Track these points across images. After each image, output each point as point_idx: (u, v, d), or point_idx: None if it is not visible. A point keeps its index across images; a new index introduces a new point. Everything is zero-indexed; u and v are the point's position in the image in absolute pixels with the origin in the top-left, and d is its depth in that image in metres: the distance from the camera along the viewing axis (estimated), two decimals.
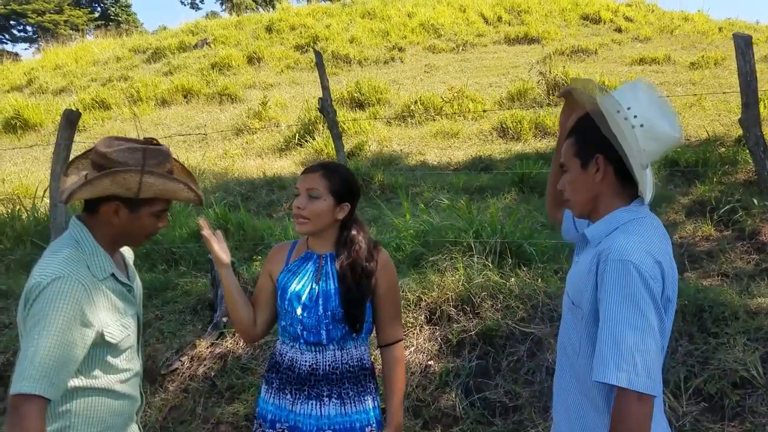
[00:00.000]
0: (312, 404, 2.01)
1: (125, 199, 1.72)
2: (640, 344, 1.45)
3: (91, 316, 1.66)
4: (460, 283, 3.97)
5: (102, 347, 1.72)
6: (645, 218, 1.63)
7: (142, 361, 1.95)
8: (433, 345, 3.76)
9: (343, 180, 2.03)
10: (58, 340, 1.58)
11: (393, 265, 2.15)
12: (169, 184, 1.76)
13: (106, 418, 1.76)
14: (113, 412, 1.77)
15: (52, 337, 1.57)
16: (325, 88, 4.50)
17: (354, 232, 2.06)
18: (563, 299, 1.75)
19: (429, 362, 3.67)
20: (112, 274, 1.78)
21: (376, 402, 2.10)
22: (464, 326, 3.77)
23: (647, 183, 1.62)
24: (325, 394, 2.01)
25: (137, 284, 1.94)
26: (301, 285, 2.04)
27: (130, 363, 1.83)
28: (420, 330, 3.83)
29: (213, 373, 3.78)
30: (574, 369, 1.67)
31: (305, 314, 2.01)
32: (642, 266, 1.48)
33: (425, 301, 3.94)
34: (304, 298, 2.02)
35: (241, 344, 3.95)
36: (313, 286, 2.03)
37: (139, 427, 1.93)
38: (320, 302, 2.01)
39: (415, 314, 3.88)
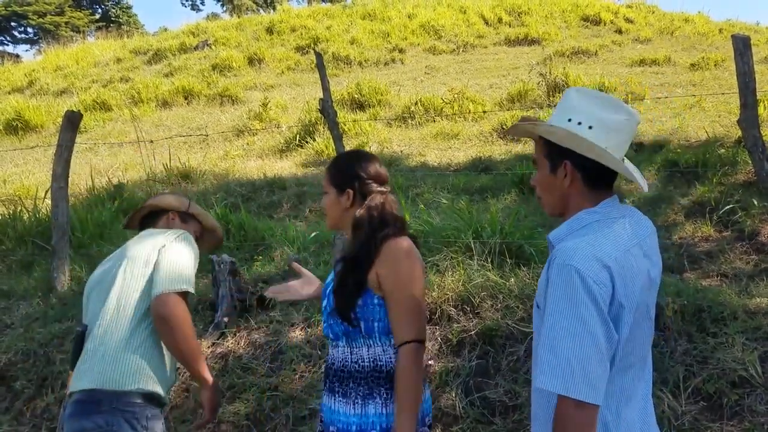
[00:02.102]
0: (328, 397, 2.03)
1: (179, 211, 2.50)
2: (579, 351, 1.40)
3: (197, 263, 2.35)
4: (460, 283, 3.98)
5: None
6: (613, 219, 1.59)
7: None
8: (433, 345, 3.77)
9: (337, 169, 2.07)
10: (191, 255, 2.28)
11: (405, 259, 1.94)
12: (206, 213, 2.60)
13: (155, 367, 2.14)
14: (162, 362, 2.20)
15: (187, 252, 2.26)
16: (325, 89, 4.52)
17: (357, 216, 2.00)
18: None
19: (429, 362, 3.68)
20: None
21: (385, 409, 1.95)
22: (464, 326, 3.78)
23: (634, 173, 1.62)
24: (335, 389, 2.01)
25: None
26: (329, 278, 2.09)
27: None
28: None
29: (214, 373, 3.77)
30: None
31: (325, 306, 2.05)
32: (585, 271, 1.44)
33: (425, 300, 3.95)
34: (327, 291, 2.06)
35: (242, 344, 3.96)
36: (331, 280, 2.07)
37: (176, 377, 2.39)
38: (328, 296, 2.04)
39: None
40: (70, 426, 2.00)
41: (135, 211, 2.52)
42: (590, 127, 1.57)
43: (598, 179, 1.62)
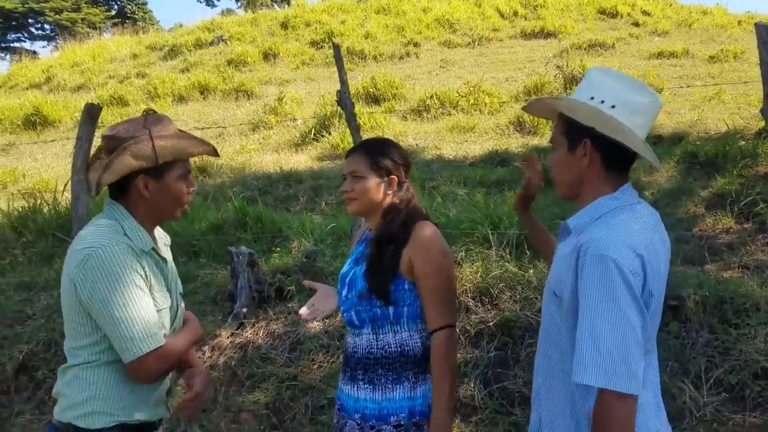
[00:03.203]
0: (350, 386, 2.03)
1: (148, 169, 1.79)
2: (620, 344, 1.40)
3: (141, 277, 1.76)
4: (478, 274, 3.97)
5: None
6: (632, 206, 1.58)
7: None
8: None
9: (382, 154, 2.04)
10: (135, 299, 1.70)
11: (438, 244, 1.96)
12: (182, 142, 1.84)
13: (126, 396, 1.78)
14: (137, 389, 1.81)
15: (129, 300, 1.69)
16: (343, 81, 4.52)
17: (395, 201, 2.03)
18: (544, 290, 1.71)
19: None
20: (153, 248, 1.85)
21: (415, 392, 1.96)
22: (482, 317, 3.77)
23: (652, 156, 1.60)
24: (359, 377, 2.01)
25: (172, 267, 1.99)
26: (347, 267, 2.09)
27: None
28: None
29: (233, 363, 3.82)
30: (563, 361, 1.60)
31: (348, 295, 2.04)
32: (621, 261, 1.43)
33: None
34: (347, 279, 2.06)
35: (260, 334, 3.98)
36: (354, 268, 2.06)
37: (168, 409, 1.94)
38: (353, 284, 2.03)
39: None
40: None
41: (94, 189, 1.86)
42: (613, 107, 1.55)
43: (616, 162, 1.60)
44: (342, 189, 2.06)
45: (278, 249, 4.85)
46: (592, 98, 1.57)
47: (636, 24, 15.13)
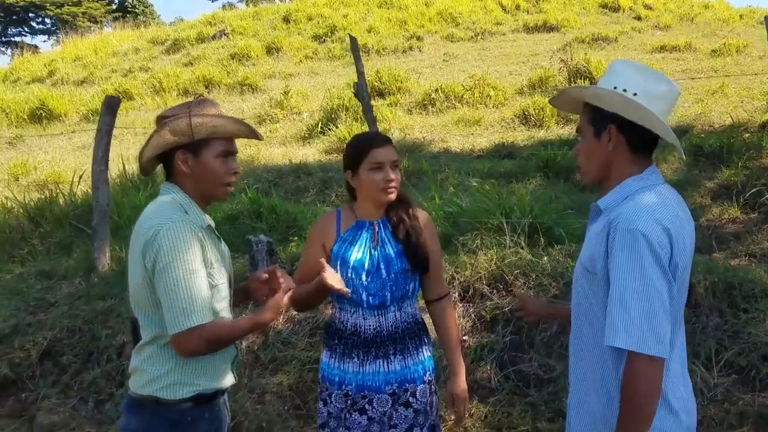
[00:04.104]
0: (380, 363, 2.17)
1: (186, 145, 1.89)
2: (648, 309, 1.51)
3: (202, 255, 1.85)
4: (493, 261, 4.07)
5: None
6: (656, 186, 1.68)
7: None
8: (467, 321, 3.87)
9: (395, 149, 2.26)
10: (191, 275, 1.78)
11: (432, 222, 2.35)
12: (218, 120, 1.91)
13: (203, 366, 1.90)
14: (211, 359, 1.92)
15: (185, 276, 1.77)
16: (360, 73, 4.61)
17: (404, 194, 2.27)
18: (575, 268, 1.82)
19: (464, 337, 3.78)
20: (209, 225, 1.96)
21: (430, 351, 2.30)
22: (497, 303, 3.88)
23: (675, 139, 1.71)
24: (391, 352, 2.17)
25: (225, 245, 2.08)
26: (361, 253, 2.17)
27: (226, 312, 1.97)
28: (454, 307, 3.94)
29: (256, 347, 3.93)
30: (596, 334, 1.71)
31: (369, 280, 2.14)
32: (649, 234, 1.54)
33: (458, 279, 4.05)
34: (367, 265, 2.15)
35: (281, 320, 4.09)
36: (373, 253, 2.17)
37: (234, 376, 2.06)
38: (382, 267, 2.15)
39: None
40: (124, 421, 1.95)
41: (141, 166, 2.00)
42: (635, 94, 1.67)
43: (640, 145, 1.71)
44: (390, 177, 2.12)
45: (296, 238, 4.95)
46: (615, 87, 1.69)
47: (638, 18, 15.23)
